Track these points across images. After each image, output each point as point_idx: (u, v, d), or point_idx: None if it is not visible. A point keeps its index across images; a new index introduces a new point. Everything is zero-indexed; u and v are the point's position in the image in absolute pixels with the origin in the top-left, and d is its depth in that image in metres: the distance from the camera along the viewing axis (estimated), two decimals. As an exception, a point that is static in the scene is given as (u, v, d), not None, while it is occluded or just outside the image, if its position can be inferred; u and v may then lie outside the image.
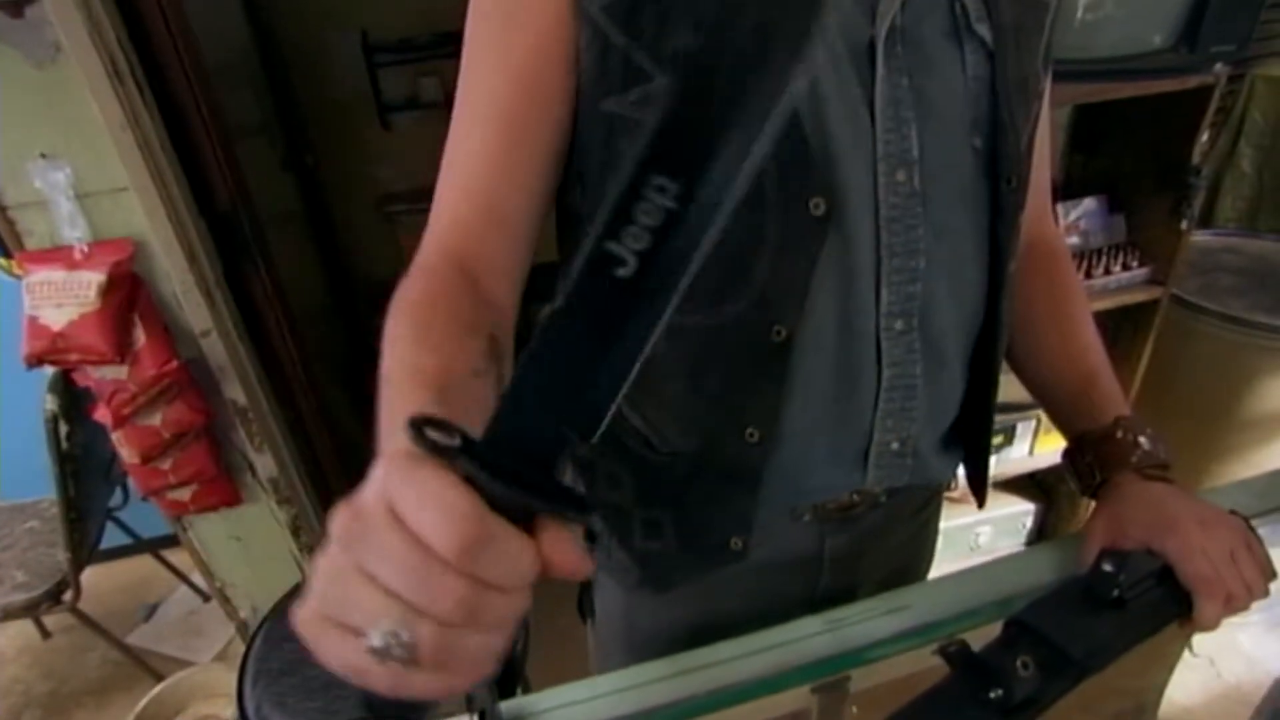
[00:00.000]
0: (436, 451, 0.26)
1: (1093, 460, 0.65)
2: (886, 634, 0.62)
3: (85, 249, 1.25)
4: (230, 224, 1.45)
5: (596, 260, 0.25)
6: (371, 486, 0.27)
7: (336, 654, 0.26)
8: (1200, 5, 1.23)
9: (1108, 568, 0.54)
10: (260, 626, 1.16)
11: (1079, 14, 1.39)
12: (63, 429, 1.52)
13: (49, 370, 1.42)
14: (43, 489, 1.69)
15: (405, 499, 0.26)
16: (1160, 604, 0.55)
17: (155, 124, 1.25)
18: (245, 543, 1.68)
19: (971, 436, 0.71)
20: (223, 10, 1.94)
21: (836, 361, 0.58)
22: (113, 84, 1.16)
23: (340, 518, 0.27)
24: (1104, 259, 1.55)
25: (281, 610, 1.18)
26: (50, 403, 1.49)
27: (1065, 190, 1.66)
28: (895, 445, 0.62)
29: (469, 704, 0.45)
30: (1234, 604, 0.55)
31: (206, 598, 2.13)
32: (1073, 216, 1.59)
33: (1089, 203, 1.59)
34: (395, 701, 0.26)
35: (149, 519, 1.92)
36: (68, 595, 1.71)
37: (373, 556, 0.26)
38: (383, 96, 2.64)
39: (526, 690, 1.19)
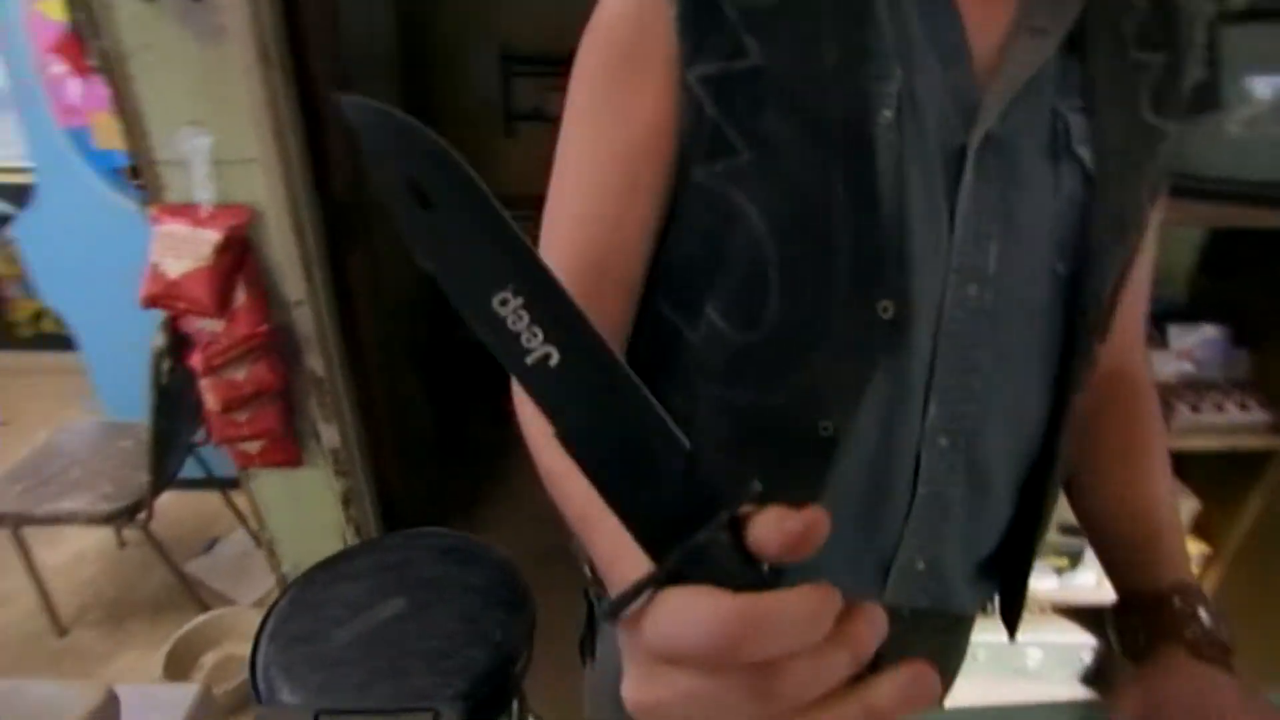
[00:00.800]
0: (631, 602, 0.25)
1: (1140, 623, 0.59)
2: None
3: (210, 210, 1.36)
4: (342, 208, 1.55)
5: (531, 379, 0.25)
6: (632, 667, 0.26)
7: None
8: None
9: None
10: (289, 589, 1.22)
11: (1232, 129, 1.29)
12: (164, 365, 1.65)
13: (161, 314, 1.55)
14: (142, 414, 1.84)
15: (661, 647, 0.24)
16: None
17: (291, 108, 1.36)
18: (299, 503, 1.78)
19: (1009, 568, 0.67)
20: (374, 11, 2.08)
21: (873, 465, 0.56)
22: (261, 68, 1.27)
23: (636, 706, 0.26)
24: (1217, 394, 1.41)
25: (311, 579, 1.23)
26: (158, 339, 1.62)
27: (1186, 313, 1.53)
28: (920, 565, 0.59)
29: None
30: None
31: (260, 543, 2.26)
32: (1187, 342, 1.46)
33: (1208, 330, 1.46)
34: None
35: (225, 459, 2.05)
36: (142, 515, 1.86)
37: (691, 707, 0.25)
38: (512, 105, 2.76)
39: (524, 710, 1.20)
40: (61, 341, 3.15)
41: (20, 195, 2.35)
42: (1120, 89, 0.53)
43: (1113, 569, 0.65)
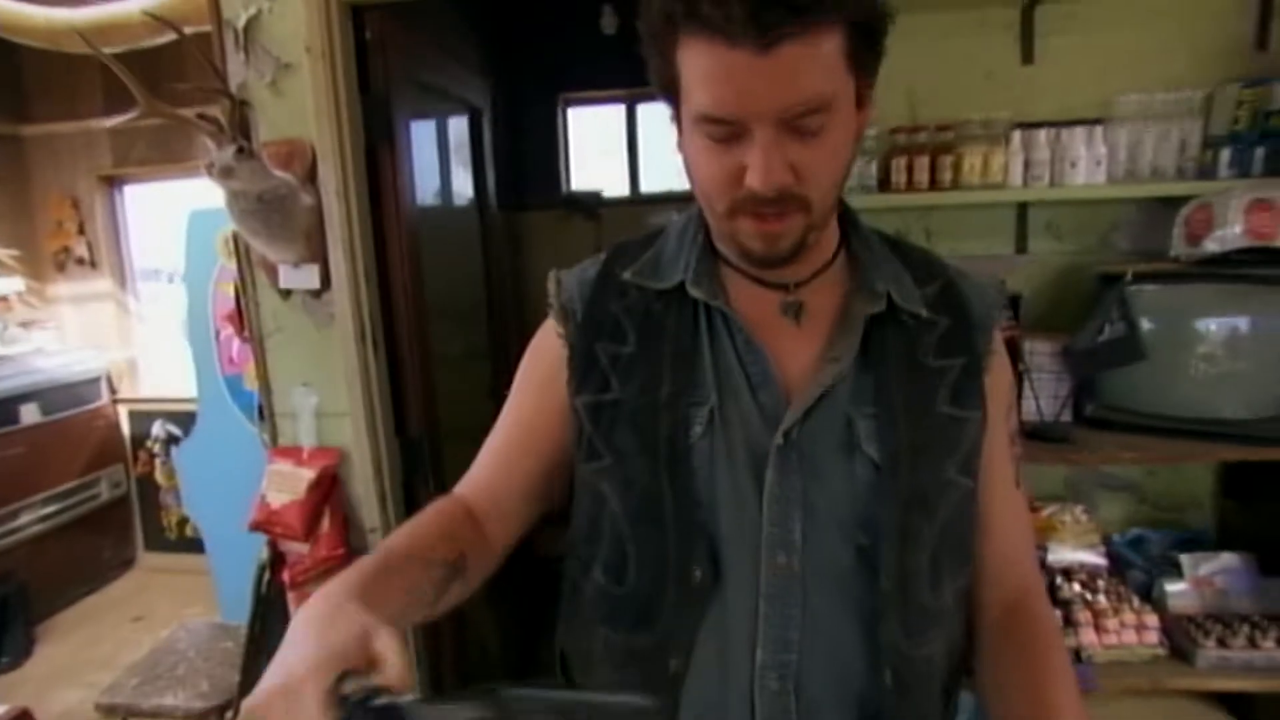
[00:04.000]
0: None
1: None
2: None
3: (310, 451, 1.69)
4: (416, 447, 1.85)
5: None
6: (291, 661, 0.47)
7: None
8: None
9: None
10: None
11: (1194, 368, 1.37)
12: (265, 577, 1.93)
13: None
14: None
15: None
16: None
17: (380, 372, 1.71)
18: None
19: None
20: (468, 271, 2.55)
21: (718, 699, 0.67)
22: (358, 345, 1.64)
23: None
24: (1248, 629, 1.36)
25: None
26: (263, 554, 1.92)
27: (1213, 541, 1.51)
28: None
29: None
30: None
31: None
32: (1204, 570, 1.43)
33: (1228, 558, 1.43)
34: None
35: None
36: (228, 715, 2.06)
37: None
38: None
39: None
40: (198, 545, 3.61)
41: (188, 423, 2.89)
42: (914, 392, 0.68)
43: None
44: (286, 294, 1.69)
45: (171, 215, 3.64)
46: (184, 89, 1.35)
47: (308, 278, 1.63)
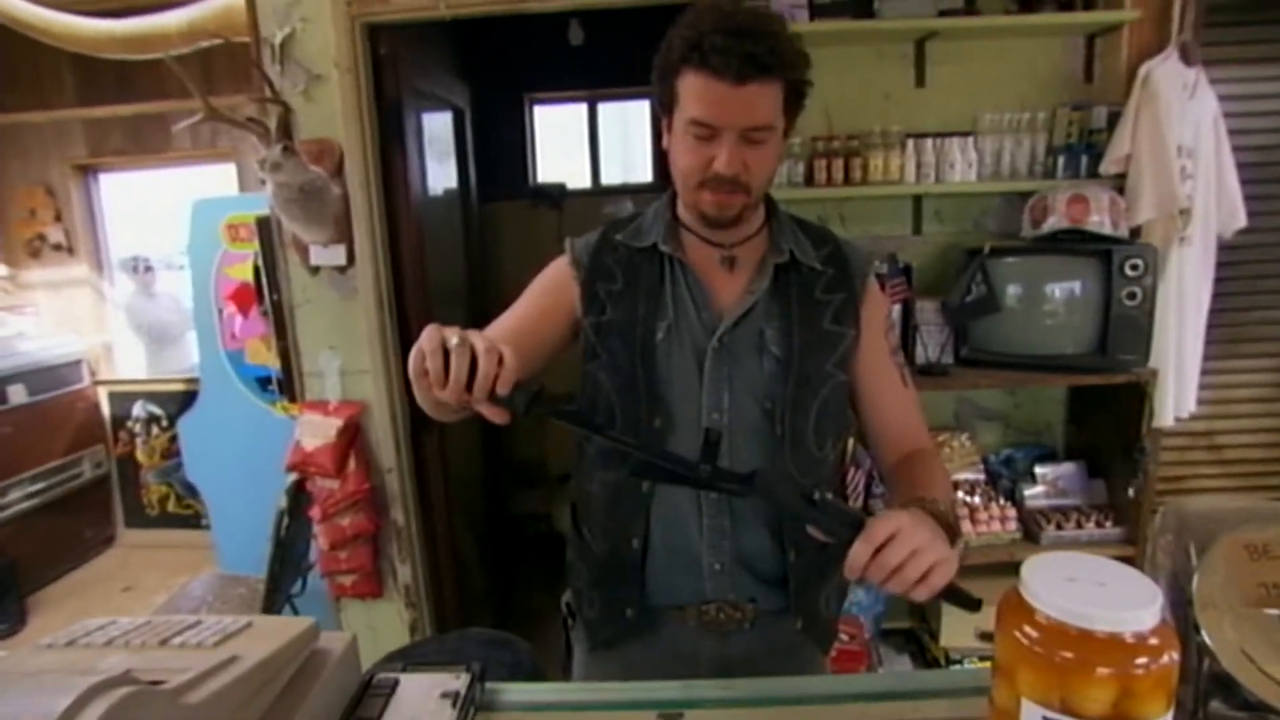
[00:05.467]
0: None
1: (903, 504, 0.86)
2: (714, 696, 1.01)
3: (335, 404, 2.00)
4: (423, 399, 2.17)
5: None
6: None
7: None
8: (1105, 325, 1.65)
9: (828, 494, 0.77)
10: (374, 667, 1.67)
11: (1045, 320, 1.83)
12: (285, 522, 2.22)
13: (286, 482, 2.13)
14: (252, 570, 2.37)
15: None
16: (834, 522, 0.76)
17: (393, 334, 2.03)
18: (376, 633, 2.23)
19: (782, 577, 1.04)
20: (455, 265, 2.86)
21: (677, 506, 1.01)
22: (377, 311, 1.95)
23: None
24: (1080, 515, 1.82)
25: (390, 658, 1.68)
26: (282, 502, 2.20)
27: (1061, 455, 1.98)
28: (717, 566, 1.04)
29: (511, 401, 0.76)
30: (878, 569, 0.72)
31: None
32: (1049, 476, 1.89)
33: (1067, 466, 1.89)
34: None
35: (315, 610, 2.53)
36: (250, 648, 2.33)
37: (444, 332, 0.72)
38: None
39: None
40: (179, 520, 3.82)
41: (188, 400, 3.10)
42: (806, 314, 0.99)
43: (898, 498, 0.95)
44: (315, 270, 1.98)
45: (155, 205, 3.82)
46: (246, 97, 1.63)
47: (335, 256, 1.94)
